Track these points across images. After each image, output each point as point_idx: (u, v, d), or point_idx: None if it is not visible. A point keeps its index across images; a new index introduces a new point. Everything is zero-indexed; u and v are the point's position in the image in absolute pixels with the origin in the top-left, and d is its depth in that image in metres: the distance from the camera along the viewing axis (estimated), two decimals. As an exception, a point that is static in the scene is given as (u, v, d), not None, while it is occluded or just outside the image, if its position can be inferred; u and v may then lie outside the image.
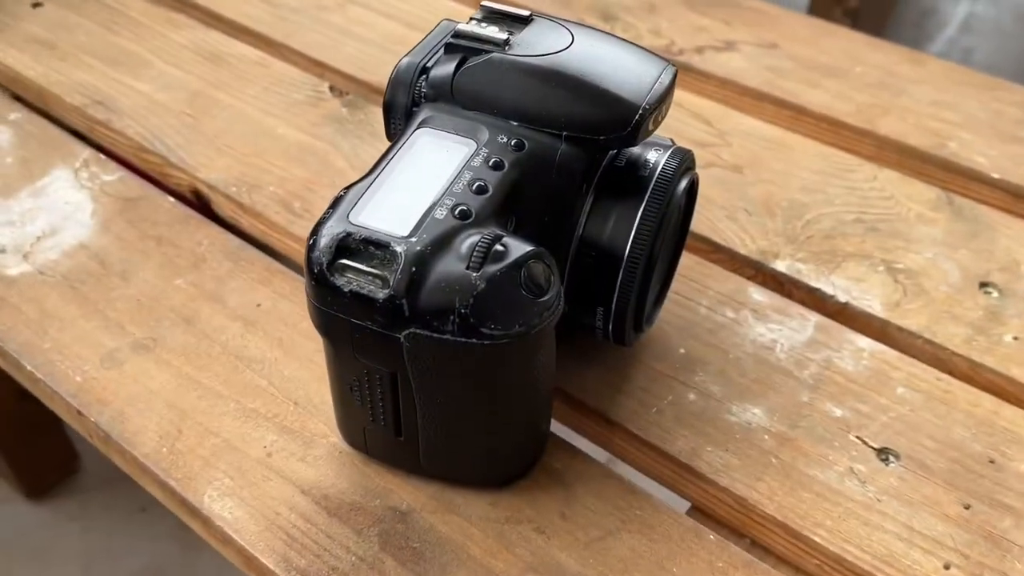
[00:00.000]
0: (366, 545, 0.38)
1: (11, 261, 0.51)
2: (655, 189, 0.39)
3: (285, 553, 0.38)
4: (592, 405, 0.44)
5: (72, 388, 0.44)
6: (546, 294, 0.34)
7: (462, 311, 0.33)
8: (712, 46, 0.66)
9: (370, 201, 0.35)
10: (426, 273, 0.33)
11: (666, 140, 0.42)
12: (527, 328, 0.34)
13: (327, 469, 0.41)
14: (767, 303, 0.49)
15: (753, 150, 0.58)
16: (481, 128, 0.37)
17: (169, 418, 0.43)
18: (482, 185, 0.35)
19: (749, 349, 0.46)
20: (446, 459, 0.39)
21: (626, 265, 0.39)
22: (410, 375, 0.35)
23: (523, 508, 0.40)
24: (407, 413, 0.37)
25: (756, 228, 0.53)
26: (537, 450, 0.41)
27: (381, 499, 0.40)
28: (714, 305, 0.48)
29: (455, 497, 0.40)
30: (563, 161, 0.37)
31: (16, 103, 0.62)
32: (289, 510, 0.40)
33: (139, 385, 0.44)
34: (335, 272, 0.34)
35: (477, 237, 0.34)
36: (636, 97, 0.37)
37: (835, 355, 0.46)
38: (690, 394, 0.44)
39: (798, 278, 0.50)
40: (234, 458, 0.41)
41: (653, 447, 0.42)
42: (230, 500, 0.40)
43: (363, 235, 0.34)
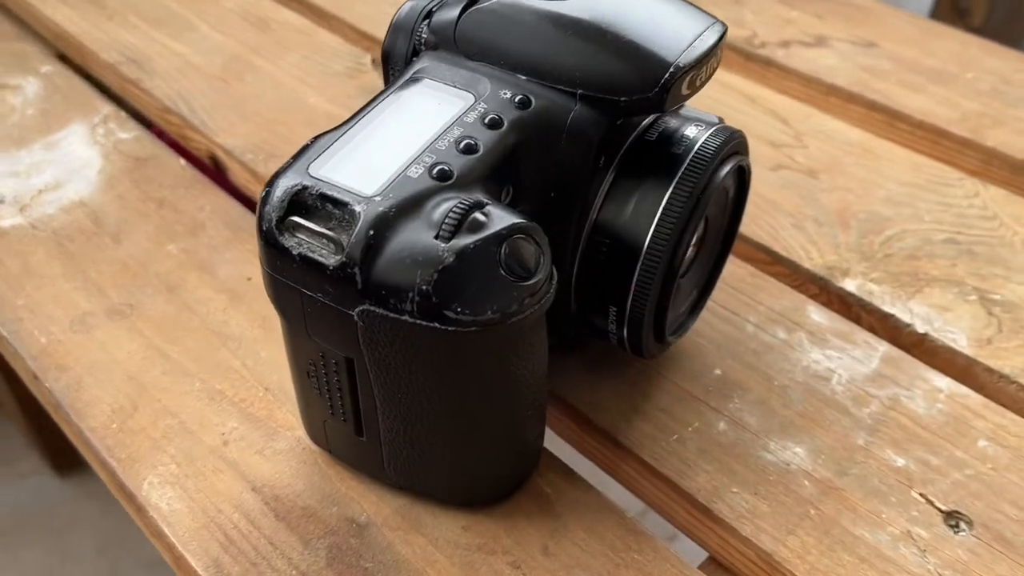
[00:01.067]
0: (311, 559, 0.33)
1: (7, 213, 0.48)
2: (688, 170, 0.32)
3: (218, 557, 0.33)
4: (600, 424, 0.37)
5: (35, 350, 0.40)
6: (532, 277, 0.28)
7: (423, 288, 0.27)
8: (800, 40, 0.59)
9: (338, 153, 0.30)
10: (387, 239, 0.28)
11: (712, 117, 0.35)
12: (502, 315, 0.28)
13: (285, 466, 0.36)
14: (828, 326, 0.41)
15: (833, 154, 0.51)
16: (483, 81, 0.32)
17: (127, 392, 0.38)
18: (471, 144, 0.30)
19: (799, 377, 0.39)
20: (412, 468, 0.33)
21: (645, 258, 0.32)
22: (367, 362, 0.30)
23: (500, 536, 0.33)
24: (367, 409, 0.32)
25: (826, 240, 0.45)
26: (523, 468, 0.35)
27: (339, 507, 0.34)
28: (764, 323, 0.41)
29: (424, 514, 0.34)
30: (575, 125, 0.31)
31: (51, 57, 0.60)
32: (233, 508, 0.34)
33: (104, 353, 0.40)
34: (285, 231, 0.29)
35: (454, 202, 0.28)
36: (668, 53, 0.31)
37: (904, 394, 0.38)
38: (720, 423, 0.37)
39: (869, 300, 0.42)
40: (186, 443, 0.36)
41: (667, 481, 0.35)
42: (171, 489, 0.35)
43: (321, 190, 0.29)
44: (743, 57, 0.58)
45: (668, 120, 0.34)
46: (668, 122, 0.34)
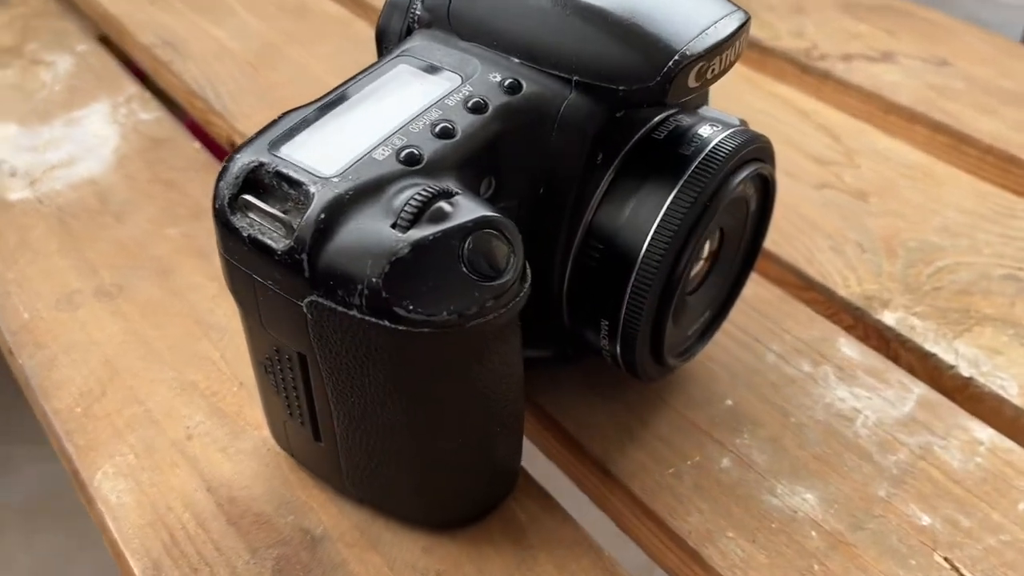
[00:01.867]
0: (256, 569, 0.30)
1: (16, 185, 0.47)
2: (696, 173, 0.29)
3: (158, 559, 0.31)
4: (591, 449, 0.34)
5: (15, 325, 0.39)
6: (498, 277, 0.25)
7: (373, 280, 0.24)
8: (864, 55, 0.54)
9: (304, 130, 0.27)
10: (339, 224, 0.25)
11: (732, 118, 0.32)
12: (459, 316, 0.25)
13: (246, 467, 0.33)
14: (859, 361, 0.37)
15: (887, 176, 0.46)
16: (473, 62, 0.29)
17: (99, 375, 0.37)
18: (448, 128, 0.27)
19: (820, 415, 0.35)
20: (370, 481, 0.30)
21: (640, 268, 0.29)
22: (318, 360, 0.27)
23: (462, 563, 0.30)
24: (323, 412, 0.29)
25: (867, 268, 0.41)
26: (494, 491, 0.32)
27: (295, 516, 0.32)
28: (787, 353, 0.37)
29: (384, 532, 0.31)
30: (569, 114, 0.28)
31: (90, 37, 0.59)
32: (184, 507, 0.32)
33: (84, 333, 0.38)
34: (238, 210, 0.27)
35: (418, 189, 0.25)
36: (674, 40, 0.27)
37: (938, 443, 0.34)
38: (724, 458, 0.33)
39: (910, 336, 0.38)
40: (149, 434, 0.34)
41: (656, 518, 0.32)
42: (124, 482, 0.33)
43: (278, 168, 0.26)
44: (799, 69, 0.54)
45: (681, 118, 0.31)
46: (681, 120, 0.31)
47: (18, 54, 0.57)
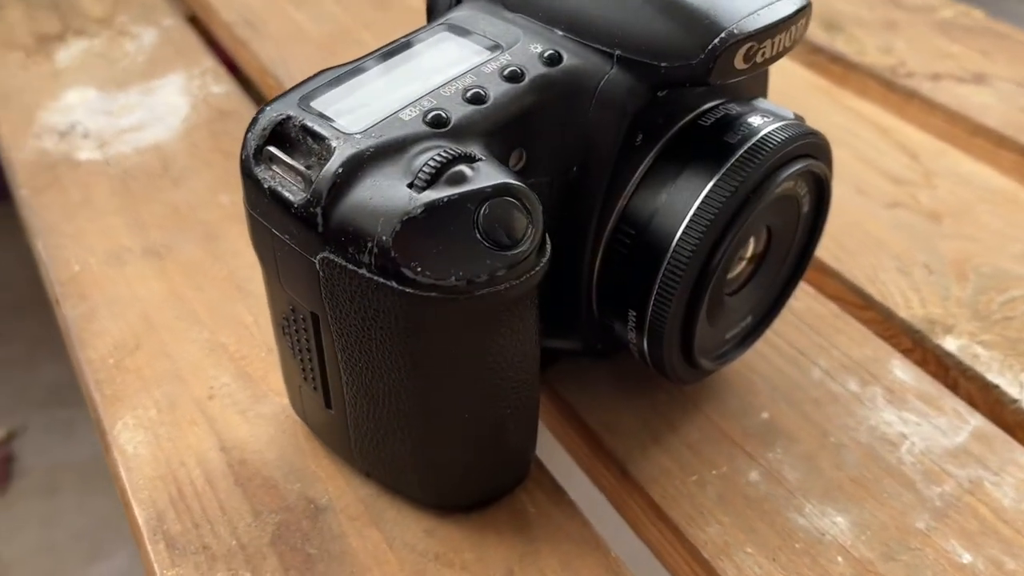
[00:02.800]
0: (256, 532, 0.30)
1: (87, 146, 0.48)
2: (740, 163, 0.28)
3: (163, 511, 0.30)
4: (612, 448, 0.32)
5: (65, 276, 0.40)
6: (513, 247, 0.24)
7: (383, 238, 0.24)
8: (954, 75, 0.52)
9: (337, 87, 0.27)
10: (356, 180, 0.24)
11: (787, 111, 0.30)
12: (467, 283, 0.24)
13: (262, 431, 0.33)
14: (912, 386, 0.34)
15: (965, 199, 0.44)
16: (516, 32, 0.28)
17: (135, 330, 0.37)
18: (480, 93, 0.26)
19: (862, 437, 0.33)
20: (377, 453, 0.29)
21: (671, 257, 0.28)
22: (329, 321, 0.27)
23: (463, 549, 0.29)
24: (333, 377, 0.28)
25: (933, 291, 0.39)
26: (503, 478, 0.30)
27: (303, 484, 0.31)
28: (835, 370, 0.35)
29: (388, 509, 0.30)
30: (608, 90, 0.27)
31: (177, 13, 0.61)
32: (196, 464, 0.32)
33: (127, 289, 0.39)
34: (261, 162, 0.26)
35: (438, 151, 0.25)
36: (723, 17, 0.26)
37: (990, 478, 0.31)
38: (753, 471, 0.32)
39: (972, 365, 0.35)
40: (174, 390, 0.35)
41: (672, 525, 0.30)
42: (142, 434, 0.33)
43: (304, 122, 0.26)
44: (884, 87, 0.51)
45: (732, 107, 0.29)
46: (731, 108, 0.29)
47: (108, 25, 0.59)
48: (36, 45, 0.57)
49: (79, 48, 0.57)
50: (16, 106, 0.51)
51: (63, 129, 0.49)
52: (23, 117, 0.50)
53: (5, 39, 0.58)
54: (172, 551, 0.29)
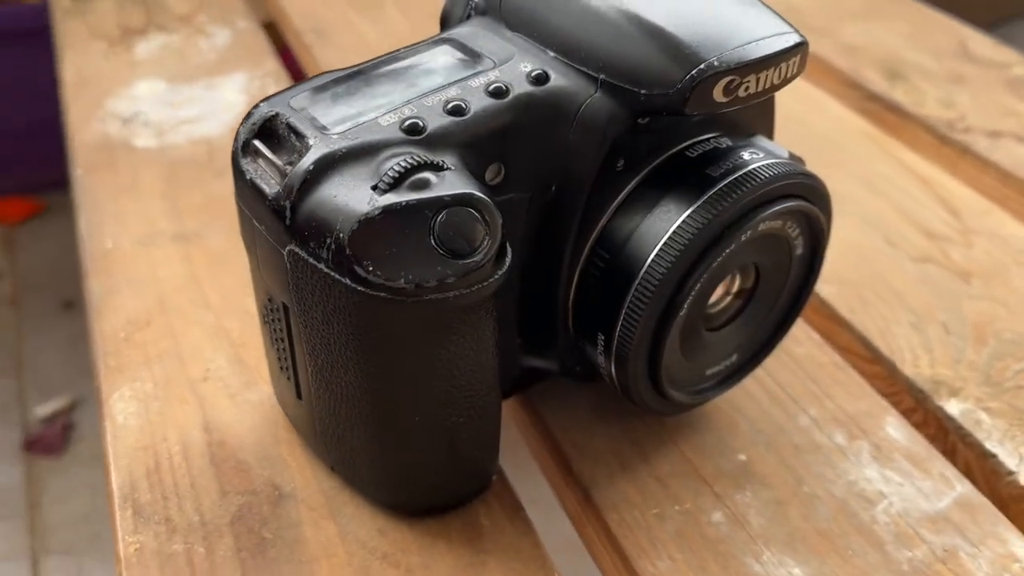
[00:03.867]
0: (218, 511, 0.31)
1: (146, 134, 0.51)
2: (719, 194, 0.27)
3: (137, 480, 0.32)
4: (579, 471, 0.32)
5: (98, 252, 0.42)
6: (467, 256, 0.25)
7: (340, 236, 0.24)
8: (1016, 134, 0.50)
9: (329, 90, 0.28)
10: (325, 178, 0.25)
11: (782, 150, 0.30)
12: (416, 287, 0.24)
13: (246, 417, 0.34)
14: (902, 445, 0.33)
15: (1000, 260, 0.42)
16: (511, 51, 0.29)
17: (149, 308, 0.39)
18: (460, 106, 0.27)
19: (838, 491, 0.32)
20: (338, 447, 0.30)
21: (640, 282, 0.28)
22: (296, 312, 0.28)
23: (411, 552, 0.30)
24: (302, 368, 0.29)
25: (946, 351, 0.37)
26: (459, 488, 0.31)
27: (272, 471, 0.32)
28: (824, 420, 0.34)
29: (347, 504, 0.31)
30: (588, 113, 0.27)
31: (251, 16, 0.64)
32: (178, 440, 0.33)
33: (150, 270, 0.41)
34: (248, 154, 0.28)
35: (406, 156, 0.25)
36: (705, 48, 0.26)
37: (967, 549, 0.30)
38: (717, 512, 0.31)
39: (972, 431, 0.34)
40: (171, 368, 0.36)
41: (623, 555, 0.30)
42: (135, 405, 0.35)
43: (289, 120, 0.27)
44: (936, 139, 0.50)
45: (724, 140, 0.29)
46: (722, 142, 0.29)
47: (188, 22, 0.62)
48: (120, 36, 0.61)
49: (158, 42, 0.60)
50: (90, 92, 0.55)
51: (127, 116, 0.52)
52: (93, 102, 0.53)
53: (94, 29, 0.62)
54: (137, 518, 0.31)
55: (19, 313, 1.08)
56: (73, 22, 0.63)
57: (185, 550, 0.30)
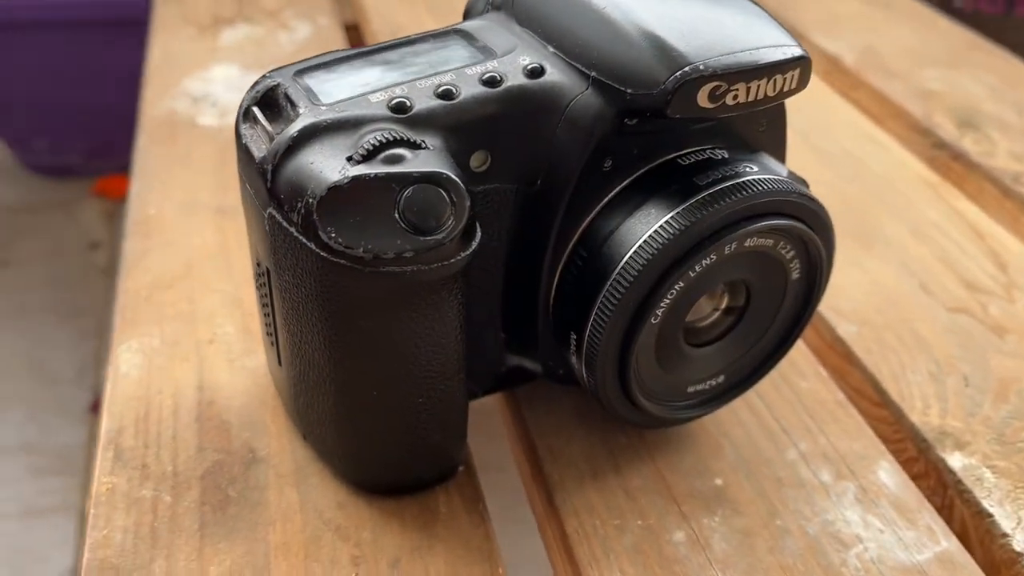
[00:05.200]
0: (191, 465, 0.32)
1: (211, 114, 0.53)
2: (701, 202, 0.27)
3: (125, 427, 0.33)
4: (548, 473, 0.32)
5: (141, 216, 0.44)
6: (428, 233, 0.25)
7: (310, 201, 0.25)
8: (1087, 194, 0.47)
9: (332, 67, 0.29)
10: (306, 146, 0.26)
11: (783, 168, 0.29)
12: (375, 258, 0.25)
13: (239, 381, 0.35)
14: (891, 492, 0.32)
15: (1041, 319, 0.39)
16: (514, 45, 0.29)
17: (175, 272, 0.41)
18: (450, 91, 0.27)
19: (812, 528, 0.30)
20: (310, 419, 0.31)
21: (612, 282, 0.27)
22: (274, 277, 0.28)
23: (363, 528, 0.30)
24: (281, 334, 0.30)
25: (961, 404, 0.35)
26: (420, 471, 0.31)
27: (252, 434, 0.33)
28: (812, 456, 0.33)
29: (314, 476, 0.32)
30: (576, 109, 0.27)
31: (334, 15, 0.66)
32: (171, 395, 0.34)
33: (188, 238, 0.43)
34: (247, 120, 0.29)
35: (384, 131, 0.26)
36: (693, 51, 0.26)
37: (937, 606, 0.28)
38: (680, 532, 0.30)
39: (972, 489, 0.32)
40: (181, 328, 0.38)
41: (574, 562, 0.29)
42: (139, 358, 0.36)
43: (287, 90, 0.28)
44: (1000, 191, 0.48)
45: (720, 152, 0.29)
46: (718, 154, 0.29)
47: (274, 16, 0.65)
48: (209, 24, 0.64)
49: (242, 32, 0.63)
50: (169, 72, 0.58)
51: (197, 96, 0.55)
52: (170, 81, 0.56)
53: (188, 15, 0.65)
54: (116, 461, 0.32)
55: (111, 282, 1.14)
56: (170, 7, 0.66)
57: (153, 496, 0.31)
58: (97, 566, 0.29)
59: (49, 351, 1.03)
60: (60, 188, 1.27)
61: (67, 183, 1.26)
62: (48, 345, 1.04)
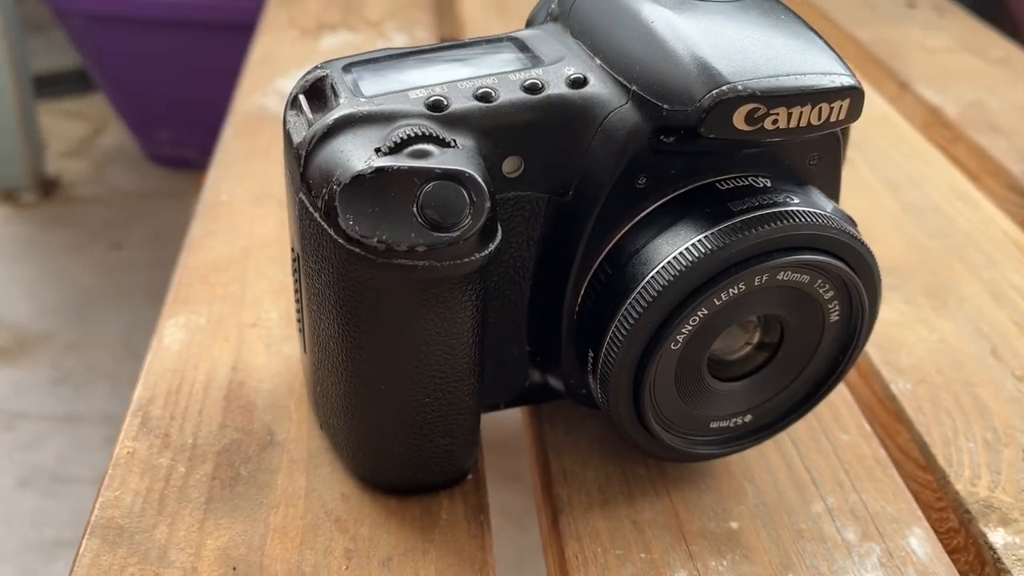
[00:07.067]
0: (211, 442, 0.32)
1: (297, 112, 0.55)
2: (732, 228, 0.26)
3: (156, 396, 0.34)
4: (557, 494, 0.31)
5: (213, 200, 0.46)
6: (444, 230, 0.25)
7: (334, 188, 0.26)
8: None
9: (382, 63, 0.30)
10: (339, 135, 0.27)
11: (828, 203, 0.28)
12: (388, 250, 0.25)
13: (273, 365, 0.36)
14: (920, 561, 0.30)
15: (1121, 400, 0.36)
16: (563, 54, 0.29)
17: (233, 256, 0.42)
18: (489, 94, 0.27)
19: (827, 587, 0.29)
20: (326, 410, 0.31)
21: (632, 300, 0.26)
22: (301, 262, 0.29)
23: (362, 522, 0.30)
24: (306, 321, 0.30)
25: (1014, 477, 0.33)
26: (426, 475, 0.30)
27: (273, 417, 0.33)
28: (840, 512, 0.31)
29: (325, 466, 0.32)
30: (612, 123, 0.27)
31: (432, 27, 0.67)
32: (206, 372, 0.35)
33: (248, 224, 0.44)
34: (293, 107, 0.29)
35: (415, 126, 0.26)
36: (733, 71, 0.25)
37: None
38: (682, 570, 0.29)
39: (1011, 570, 0.30)
40: (228, 310, 0.38)
41: (568, 585, 0.28)
42: (183, 333, 0.37)
43: (333, 82, 0.29)
44: (1097, 262, 0.44)
45: (763, 180, 0.28)
46: (760, 181, 0.28)
47: (375, 26, 0.67)
48: (313, 29, 0.66)
49: (342, 39, 0.65)
50: (267, 70, 0.60)
51: (287, 94, 0.56)
52: (265, 79, 0.58)
53: (295, 19, 0.68)
54: (142, 428, 0.33)
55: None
56: (279, 11, 0.69)
57: (168, 465, 0.31)
58: (104, 524, 0.29)
59: (140, 331, 1.07)
60: (175, 179, 1.33)
61: (182, 174, 1.32)
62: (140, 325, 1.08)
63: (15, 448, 0.92)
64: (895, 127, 0.57)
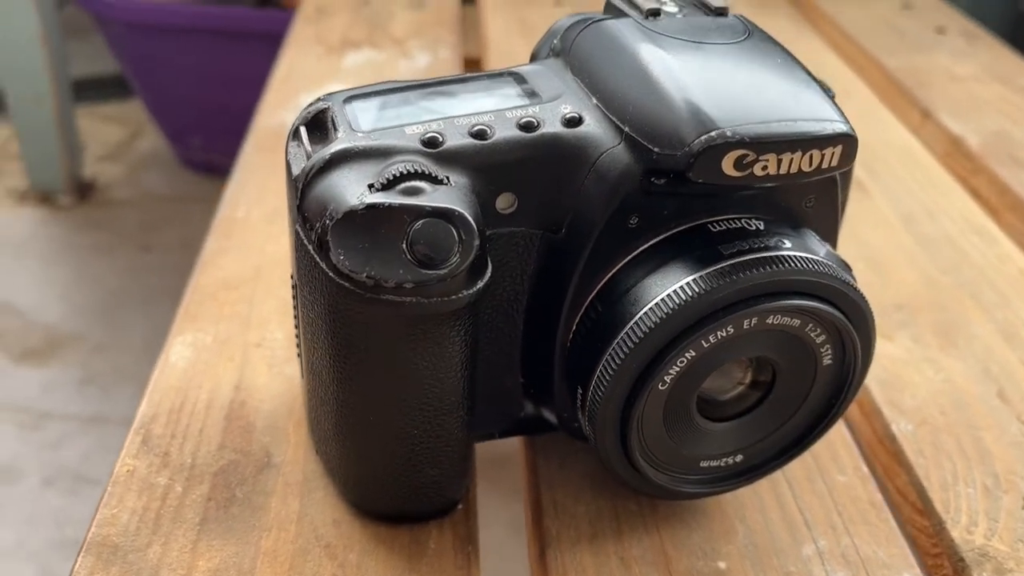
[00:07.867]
0: (209, 462, 0.33)
1: (317, 130, 0.55)
2: (722, 271, 0.26)
3: (159, 414, 0.35)
4: (546, 527, 0.31)
5: (229, 215, 0.47)
6: (432, 267, 0.25)
7: (326, 222, 0.26)
8: None
9: (383, 95, 0.30)
10: (336, 169, 0.27)
11: (822, 247, 0.28)
12: (376, 285, 0.25)
13: (275, 386, 0.36)
14: (911, 608, 0.29)
15: None
16: (561, 92, 0.29)
17: (244, 275, 0.42)
18: (484, 131, 0.28)
19: (811, 632, 0.28)
20: (316, 433, 0.31)
21: (621, 338, 0.27)
22: (298, 290, 0.29)
23: (352, 549, 0.30)
24: (302, 347, 0.31)
25: (1011, 526, 0.32)
26: (415, 505, 0.31)
27: (272, 439, 0.34)
28: (831, 555, 0.31)
29: (318, 489, 0.32)
30: (605, 163, 0.27)
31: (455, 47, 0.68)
32: (208, 391, 0.36)
33: (261, 242, 0.45)
34: (294, 138, 0.30)
35: (408, 163, 0.26)
36: (724, 116, 0.25)
37: None
38: (667, 610, 0.29)
39: (1003, 620, 0.29)
40: (236, 329, 0.39)
41: (551, 621, 0.29)
42: (190, 352, 0.38)
43: (334, 115, 0.29)
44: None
45: (756, 223, 0.28)
46: (753, 224, 0.28)
47: (399, 44, 0.67)
48: (338, 46, 0.67)
49: (365, 56, 0.65)
50: (290, 86, 0.61)
51: (309, 112, 0.57)
52: (288, 95, 0.59)
53: (321, 36, 0.69)
54: (143, 446, 0.33)
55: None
56: (307, 28, 0.70)
57: (166, 484, 0.32)
58: (99, 542, 0.30)
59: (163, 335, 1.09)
60: (206, 184, 1.35)
61: (213, 180, 1.34)
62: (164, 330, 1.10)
63: (41, 447, 0.94)
64: (915, 156, 0.56)
